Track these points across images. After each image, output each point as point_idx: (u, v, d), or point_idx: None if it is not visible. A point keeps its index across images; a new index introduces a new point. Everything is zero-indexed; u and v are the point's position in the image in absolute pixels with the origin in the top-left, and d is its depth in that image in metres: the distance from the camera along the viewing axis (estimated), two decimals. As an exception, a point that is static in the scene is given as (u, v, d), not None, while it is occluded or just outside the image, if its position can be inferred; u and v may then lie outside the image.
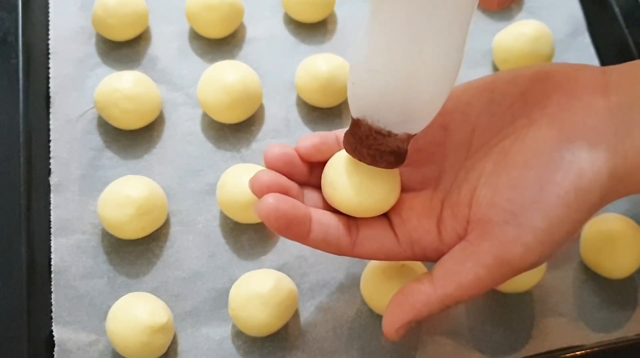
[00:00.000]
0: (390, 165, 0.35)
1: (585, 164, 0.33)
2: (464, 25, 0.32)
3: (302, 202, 0.37)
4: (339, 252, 0.37)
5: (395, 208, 0.38)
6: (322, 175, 0.38)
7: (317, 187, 0.38)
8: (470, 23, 0.32)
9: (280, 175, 0.36)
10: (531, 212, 0.33)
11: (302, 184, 0.38)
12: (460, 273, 0.34)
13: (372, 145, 0.35)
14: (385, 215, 0.38)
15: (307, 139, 0.38)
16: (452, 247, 0.36)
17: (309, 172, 0.38)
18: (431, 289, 0.34)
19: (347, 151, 0.36)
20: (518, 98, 0.36)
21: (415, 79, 0.32)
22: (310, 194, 0.38)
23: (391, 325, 0.35)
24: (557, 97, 0.35)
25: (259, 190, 0.35)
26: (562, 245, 0.34)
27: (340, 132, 0.38)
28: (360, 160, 0.35)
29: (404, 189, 0.38)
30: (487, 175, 0.35)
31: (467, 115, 0.37)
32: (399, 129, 0.34)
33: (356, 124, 0.35)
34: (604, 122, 0.33)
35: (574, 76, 0.35)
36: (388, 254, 0.37)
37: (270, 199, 0.34)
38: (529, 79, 0.36)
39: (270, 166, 0.37)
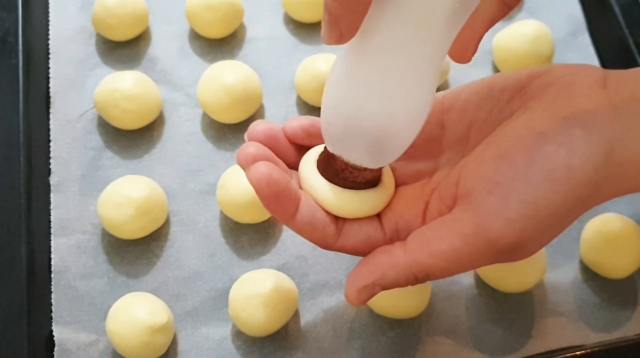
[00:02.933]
0: (365, 187, 0.35)
1: (579, 141, 0.32)
2: (435, 67, 0.32)
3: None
4: (323, 240, 0.34)
5: None
6: (299, 169, 0.36)
7: None
8: (441, 65, 0.32)
9: (267, 149, 0.34)
10: (517, 183, 0.31)
11: (288, 166, 0.36)
12: (433, 240, 0.32)
13: (348, 178, 0.34)
14: None
15: (296, 120, 0.36)
16: None
17: (296, 154, 0.36)
18: (401, 252, 0.33)
19: (321, 174, 0.35)
20: (516, 93, 0.35)
21: (389, 121, 0.32)
22: (296, 178, 0.36)
23: (353, 284, 0.33)
24: (556, 88, 0.34)
25: (245, 161, 0.33)
26: (546, 229, 0.32)
27: None
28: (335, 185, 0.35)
29: (397, 183, 0.37)
30: (475, 153, 0.35)
31: (465, 111, 0.36)
32: (374, 165, 0.34)
33: (332, 156, 0.34)
34: (603, 109, 0.32)
35: (574, 71, 0.35)
36: (373, 246, 0.35)
37: (263, 166, 0.32)
38: (528, 74, 0.36)
39: (253, 141, 0.35)
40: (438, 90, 0.51)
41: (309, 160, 0.36)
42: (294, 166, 0.37)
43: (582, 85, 0.34)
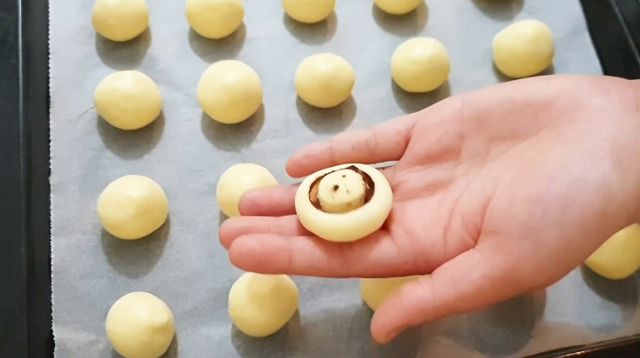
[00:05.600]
0: (356, 207, 0.35)
1: (615, 186, 0.31)
2: None
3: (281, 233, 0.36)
4: (333, 273, 0.35)
5: (396, 218, 0.36)
6: (295, 206, 0.37)
7: None
8: None
9: (248, 219, 0.37)
10: (550, 230, 0.31)
11: (285, 212, 0.38)
12: (462, 283, 0.32)
13: (330, 204, 0.36)
14: (385, 227, 0.36)
15: (293, 155, 0.38)
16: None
17: (289, 199, 0.38)
18: (430, 296, 0.33)
19: (313, 205, 0.36)
20: (542, 107, 0.34)
21: None
22: (285, 220, 0.37)
23: (382, 327, 0.34)
24: (587, 111, 0.33)
25: (226, 241, 0.36)
26: (575, 267, 0.33)
27: (336, 141, 0.38)
28: None
29: (409, 197, 0.37)
30: (504, 186, 0.33)
31: (485, 123, 0.36)
32: None
33: (311, 188, 0.37)
34: (636, 143, 0.32)
35: (606, 88, 0.33)
36: (389, 267, 0.35)
37: (235, 246, 0.35)
38: (555, 89, 0.34)
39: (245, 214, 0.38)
40: (440, 90, 0.51)
41: (301, 195, 0.37)
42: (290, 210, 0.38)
43: (614, 111, 0.32)
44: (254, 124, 0.50)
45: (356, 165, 0.37)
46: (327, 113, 0.50)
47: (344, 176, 0.36)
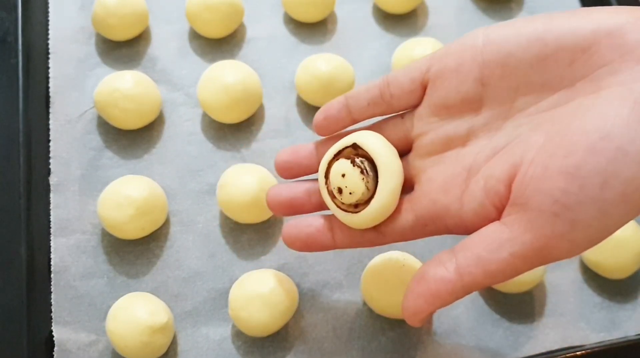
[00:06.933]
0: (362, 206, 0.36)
1: None
2: None
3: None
4: (372, 244, 0.37)
5: (417, 177, 0.36)
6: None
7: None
8: None
9: (288, 190, 0.39)
10: (588, 207, 0.28)
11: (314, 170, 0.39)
12: (491, 262, 0.30)
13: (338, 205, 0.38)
14: (409, 184, 0.36)
15: (315, 117, 0.39)
16: (476, 221, 0.32)
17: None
18: (457, 278, 0.31)
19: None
20: (580, 54, 0.30)
21: None
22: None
23: (415, 315, 0.32)
24: (634, 61, 0.28)
25: (274, 208, 0.39)
26: (611, 234, 0.30)
27: (351, 98, 0.38)
28: None
29: (428, 152, 0.35)
30: (535, 151, 0.30)
31: (510, 68, 0.31)
32: None
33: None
34: None
35: None
36: (414, 233, 0.35)
37: (285, 233, 0.38)
38: (593, 31, 0.29)
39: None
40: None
41: (321, 183, 0.38)
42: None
43: None
44: (254, 124, 0.50)
45: (358, 142, 0.36)
46: (327, 113, 0.50)
47: (343, 175, 0.36)
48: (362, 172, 0.35)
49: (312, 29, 0.53)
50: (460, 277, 0.31)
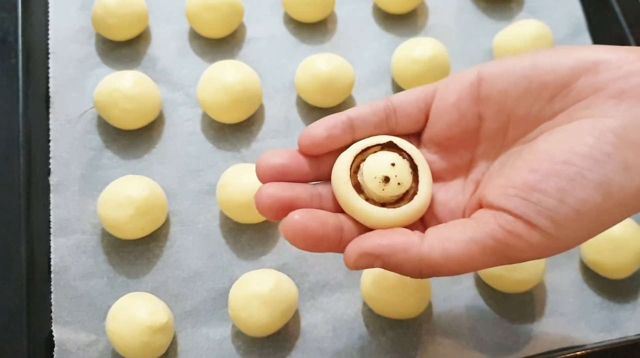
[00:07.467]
0: (401, 202, 0.34)
1: (615, 187, 0.30)
2: None
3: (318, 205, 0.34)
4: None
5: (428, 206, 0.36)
6: (335, 192, 0.34)
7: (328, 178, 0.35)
8: None
9: (284, 185, 0.33)
10: (544, 219, 0.31)
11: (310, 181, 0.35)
12: (452, 241, 0.31)
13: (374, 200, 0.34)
14: None
15: (310, 132, 0.35)
16: None
17: (316, 167, 0.35)
18: (418, 241, 0.32)
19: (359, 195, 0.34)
20: (559, 91, 0.33)
21: None
22: (322, 188, 0.35)
23: (357, 247, 0.32)
24: (604, 99, 0.31)
25: (266, 209, 0.33)
26: (570, 249, 0.32)
27: (353, 112, 0.35)
28: None
29: (435, 179, 0.36)
30: (509, 168, 0.33)
31: (503, 104, 0.34)
32: None
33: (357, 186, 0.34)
34: None
35: (625, 71, 0.31)
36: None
37: (296, 216, 0.32)
38: (572, 69, 0.33)
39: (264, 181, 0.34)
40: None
41: (341, 179, 0.34)
42: (315, 178, 0.35)
43: (632, 98, 0.31)
44: (254, 124, 0.50)
45: (394, 140, 0.35)
46: (327, 113, 0.50)
47: (393, 164, 0.34)
48: (410, 166, 0.34)
49: (312, 29, 0.53)
50: (420, 244, 0.32)
